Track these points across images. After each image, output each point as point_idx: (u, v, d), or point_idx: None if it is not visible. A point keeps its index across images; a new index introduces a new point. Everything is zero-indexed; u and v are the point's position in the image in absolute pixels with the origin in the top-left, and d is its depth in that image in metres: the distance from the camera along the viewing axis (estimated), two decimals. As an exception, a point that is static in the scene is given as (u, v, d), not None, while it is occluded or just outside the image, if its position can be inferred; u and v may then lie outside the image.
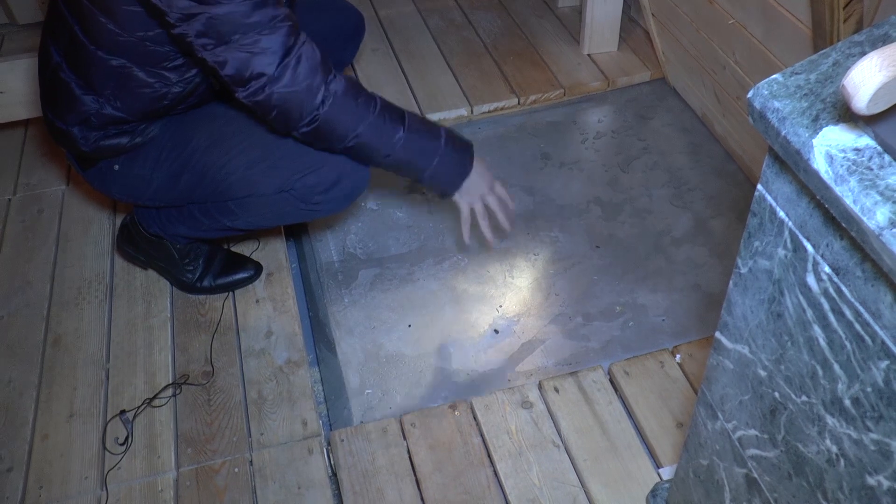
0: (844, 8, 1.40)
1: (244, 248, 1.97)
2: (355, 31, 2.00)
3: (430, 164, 1.53)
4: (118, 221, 2.00)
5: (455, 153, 1.57)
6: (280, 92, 1.37)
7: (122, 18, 1.37)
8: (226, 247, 1.96)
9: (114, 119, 1.51)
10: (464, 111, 2.45)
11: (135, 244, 1.84)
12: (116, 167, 1.61)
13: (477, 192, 1.63)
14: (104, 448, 1.59)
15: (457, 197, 1.63)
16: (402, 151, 1.50)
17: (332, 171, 1.56)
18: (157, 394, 1.66)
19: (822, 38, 1.52)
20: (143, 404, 1.65)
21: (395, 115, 1.49)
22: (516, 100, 2.49)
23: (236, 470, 1.54)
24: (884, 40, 0.65)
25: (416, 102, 2.47)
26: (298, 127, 1.42)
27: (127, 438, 1.60)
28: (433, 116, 2.43)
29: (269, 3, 1.33)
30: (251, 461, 1.56)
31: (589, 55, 2.65)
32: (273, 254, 1.96)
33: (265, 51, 1.33)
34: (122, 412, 1.63)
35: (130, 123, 1.54)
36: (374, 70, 2.62)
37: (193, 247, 1.83)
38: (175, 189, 1.62)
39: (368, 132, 1.46)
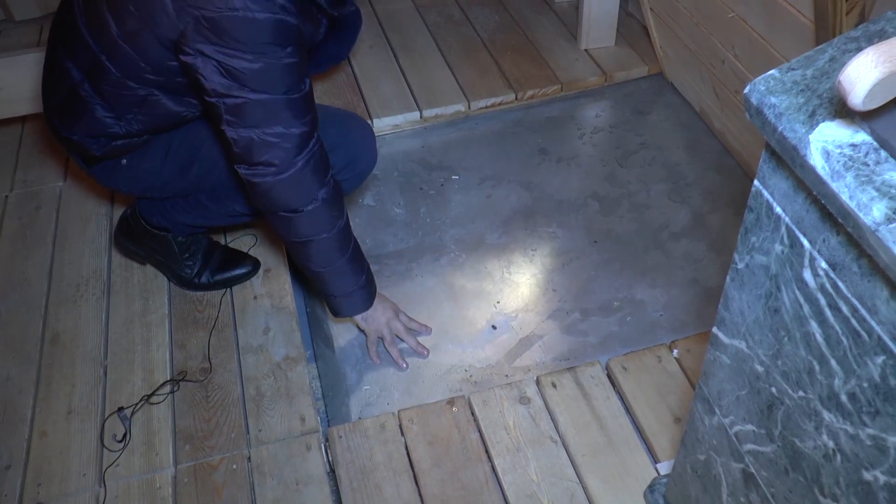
0: (847, 0, 1.40)
1: (242, 245, 1.97)
2: (352, 25, 1.99)
3: (346, 291, 1.64)
4: (116, 218, 1.99)
5: (365, 289, 1.68)
6: (279, 184, 1.41)
7: (156, 63, 1.39)
8: (224, 243, 1.96)
9: (133, 133, 1.54)
10: (461, 106, 2.45)
11: (134, 238, 1.84)
12: (124, 161, 1.62)
13: (379, 323, 1.76)
14: (102, 445, 1.59)
15: (361, 323, 1.77)
16: (333, 272, 1.60)
17: (344, 153, 1.59)
18: (155, 390, 1.66)
19: (824, 30, 1.51)
20: (141, 401, 1.65)
21: (347, 239, 1.57)
22: (513, 95, 2.49)
23: (234, 466, 1.54)
24: (880, 36, 0.65)
25: (414, 98, 2.46)
26: (274, 212, 1.48)
27: (125, 435, 1.60)
28: (431, 112, 2.43)
29: (303, 102, 1.37)
30: (249, 457, 1.56)
31: (586, 50, 2.64)
32: (271, 250, 1.96)
33: (283, 145, 1.37)
34: (120, 409, 1.63)
35: (146, 135, 1.56)
36: (371, 66, 2.61)
37: (193, 240, 1.83)
38: (185, 178, 1.63)
39: (322, 244, 1.53)
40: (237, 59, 1.27)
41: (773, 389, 0.80)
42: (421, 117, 2.44)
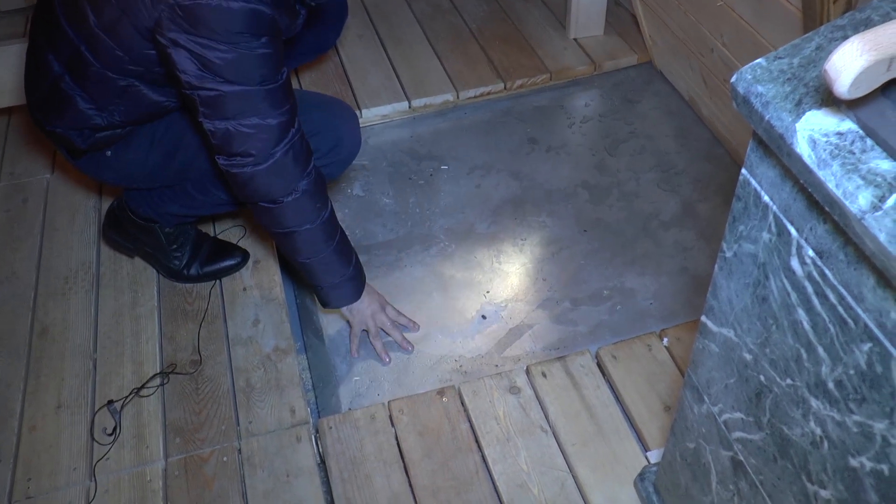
0: (834, -11, 1.40)
1: (231, 236, 1.96)
2: (339, 12, 1.99)
3: (333, 282, 1.64)
4: (104, 210, 1.98)
5: (353, 280, 1.67)
6: (258, 174, 1.41)
7: (134, 53, 1.39)
8: (213, 234, 1.95)
9: (115, 124, 1.53)
10: (450, 96, 2.45)
11: (122, 230, 1.84)
12: (108, 153, 1.61)
13: (364, 315, 1.75)
14: (92, 439, 1.58)
15: (346, 314, 1.76)
16: (319, 263, 1.59)
17: (328, 138, 1.59)
18: (144, 383, 1.66)
19: (812, 19, 1.52)
20: (130, 394, 1.64)
21: (333, 230, 1.57)
22: (502, 84, 2.48)
23: (225, 458, 1.54)
24: (866, 24, 0.65)
25: (403, 88, 2.46)
26: (255, 202, 1.48)
27: (115, 429, 1.59)
28: (419, 102, 2.42)
29: (279, 92, 1.36)
30: (240, 449, 1.56)
31: (575, 39, 2.64)
32: (260, 241, 1.96)
33: (259, 136, 1.37)
34: (110, 402, 1.63)
35: (129, 126, 1.55)
36: (359, 56, 2.60)
37: (181, 231, 1.83)
38: (170, 168, 1.63)
39: (305, 234, 1.52)
40: (211, 49, 1.26)
41: (762, 377, 0.80)
42: (410, 107, 2.43)
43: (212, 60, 1.27)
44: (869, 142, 0.56)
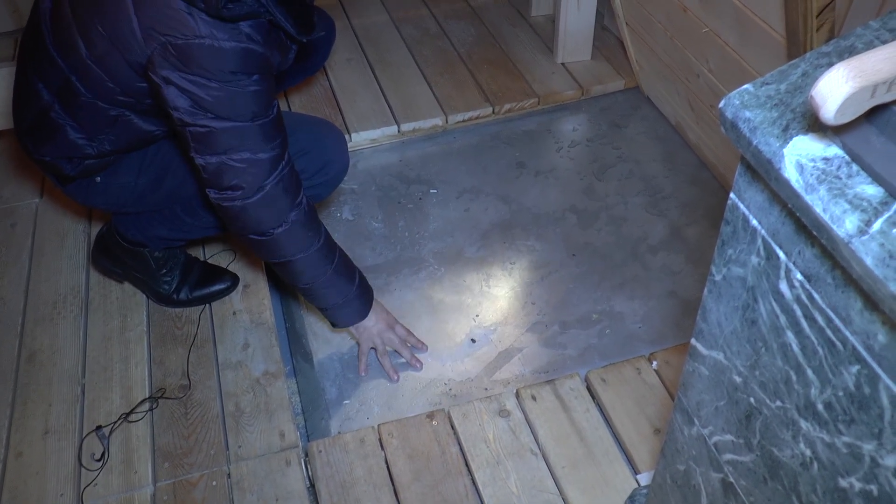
0: (817, 17, 1.42)
1: (221, 260, 1.96)
2: (326, 35, 2.00)
3: (337, 302, 1.64)
4: (93, 234, 1.98)
5: (359, 299, 1.67)
6: (248, 207, 1.41)
7: (125, 85, 1.39)
8: (202, 258, 1.95)
9: (106, 153, 1.53)
10: (438, 120, 2.46)
11: (111, 255, 1.83)
12: (98, 179, 1.61)
13: (372, 333, 1.76)
14: (80, 465, 1.57)
15: (354, 332, 1.77)
16: (320, 286, 1.59)
17: (317, 157, 1.60)
18: (133, 408, 1.65)
19: (795, 46, 1.54)
20: (119, 419, 1.63)
21: (329, 253, 1.56)
22: (491, 108, 2.50)
23: (214, 483, 1.53)
24: (850, 51, 0.66)
25: (392, 112, 2.47)
26: (245, 235, 1.48)
27: (103, 454, 1.58)
28: (408, 126, 2.43)
29: (270, 127, 1.37)
30: (229, 474, 1.55)
31: (563, 64, 2.66)
32: (249, 265, 1.96)
33: (250, 170, 1.38)
34: (99, 428, 1.62)
35: (119, 154, 1.56)
36: (348, 80, 2.62)
37: (171, 256, 1.83)
38: (160, 191, 1.63)
39: (303, 262, 1.53)
40: (203, 87, 1.27)
41: (752, 399, 0.81)
42: (399, 131, 2.44)
43: (204, 98, 1.28)
44: (855, 167, 0.57)
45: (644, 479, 1.53)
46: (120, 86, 1.39)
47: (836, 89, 0.51)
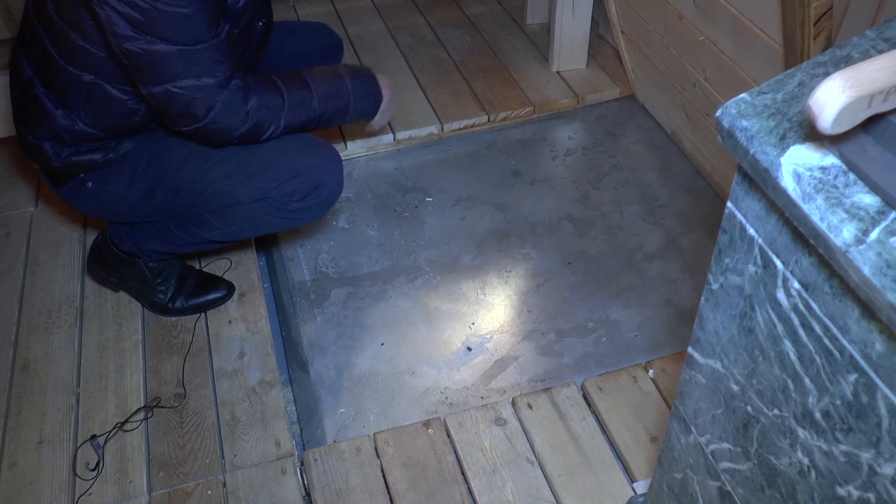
0: (815, 25, 1.43)
1: (216, 268, 1.96)
2: (333, 52, 2.01)
3: (348, 106, 1.63)
4: (88, 243, 1.98)
5: (362, 86, 1.65)
6: (207, 128, 1.43)
7: (86, 31, 1.38)
8: (198, 267, 1.95)
9: (85, 135, 1.51)
10: (434, 129, 2.46)
11: (106, 265, 1.83)
12: (90, 184, 1.60)
13: (393, 105, 1.77)
14: (75, 474, 1.56)
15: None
16: (323, 111, 1.59)
17: (309, 180, 1.58)
18: (128, 418, 1.65)
19: (793, 54, 1.54)
20: (114, 429, 1.63)
21: (303, 87, 1.55)
22: (486, 117, 2.50)
23: (209, 492, 1.53)
24: (846, 61, 0.66)
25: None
26: (231, 142, 1.51)
27: (98, 464, 1.58)
28: (404, 134, 2.44)
29: (215, 52, 1.37)
30: (224, 483, 1.55)
31: (558, 72, 2.67)
32: (245, 274, 1.95)
33: (196, 96, 1.38)
34: (93, 437, 1.61)
35: (103, 140, 1.54)
36: (344, 89, 2.62)
37: (166, 266, 1.82)
38: (150, 204, 1.62)
39: (291, 116, 1.53)
40: (137, 8, 1.27)
41: (749, 408, 0.81)
42: (394, 140, 2.45)
43: (140, 20, 1.28)
44: (851, 176, 0.57)
45: (640, 487, 1.53)
46: (75, 29, 1.37)
47: (832, 99, 0.51)
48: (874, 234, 0.53)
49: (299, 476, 1.56)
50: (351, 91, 1.62)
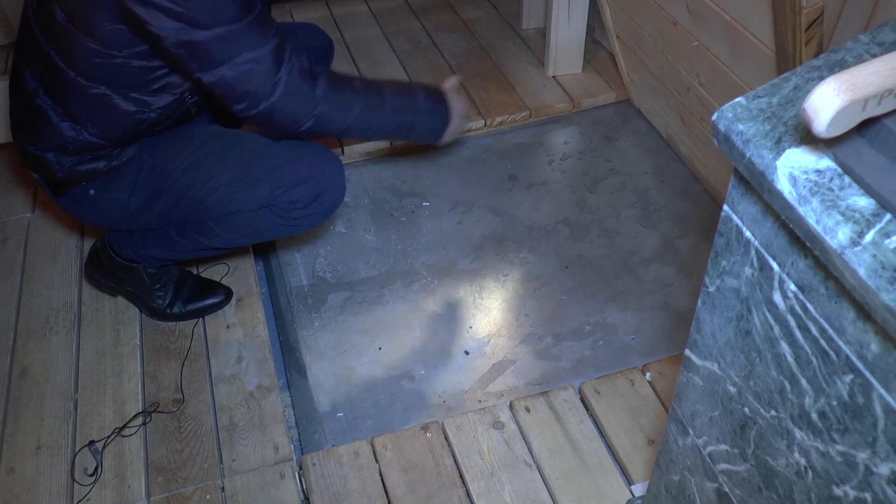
0: (806, 31, 1.43)
1: (214, 274, 1.96)
2: (324, 53, 2.01)
3: (413, 125, 1.68)
4: (86, 248, 1.98)
5: (432, 107, 1.71)
6: (276, 105, 1.44)
7: (105, 36, 1.37)
8: (196, 272, 1.95)
9: (90, 145, 1.51)
10: (431, 134, 2.46)
11: (104, 270, 1.83)
12: (92, 192, 1.60)
13: (460, 127, 1.82)
14: (73, 480, 1.57)
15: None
16: (390, 123, 1.63)
17: (312, 187, 1.59)
18: (126, 423, 1.65)
19: (785, 60, 1.55)
20: (112, 434, 1.63)
21: (376, 93, 1.59)
22: (483, 121, 2.51)
23: (208, 497, 1.53)
24: (841, 65, 0.67)
25: (384, 126, 2.47)
26: (298, 130, 1.51)
27: (96, 469, 1.58)
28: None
29: (258, 23, 1.38)
30: (223, 488, 1.55)
31: (554, 77, 2.68)
32: (243, 279, 1.96)
33: (257, 70, 1.39)
34: (92, 442, 1.61)
35: (106, 149, 1.54)
36: (341, 94, 2.62)
37: (164, 271, 1.82)
38: (152, 211, 1.62)
39: (359, 118, 1.56)
40: (174, 1, 1.28)
41: (746, 409, 0.81)
42: (391, 144, 2.45)
43: (183, 12, 1.29)
44: (846, 179, 0.58)
45: (638, 489, 1.53)
46: (95, 35, 1.37)
47: (827, 102, 0.51)
48: (869, 237, 0.54)
49: (298, 480, 1.57)
50: (420, 112, 1.67)
